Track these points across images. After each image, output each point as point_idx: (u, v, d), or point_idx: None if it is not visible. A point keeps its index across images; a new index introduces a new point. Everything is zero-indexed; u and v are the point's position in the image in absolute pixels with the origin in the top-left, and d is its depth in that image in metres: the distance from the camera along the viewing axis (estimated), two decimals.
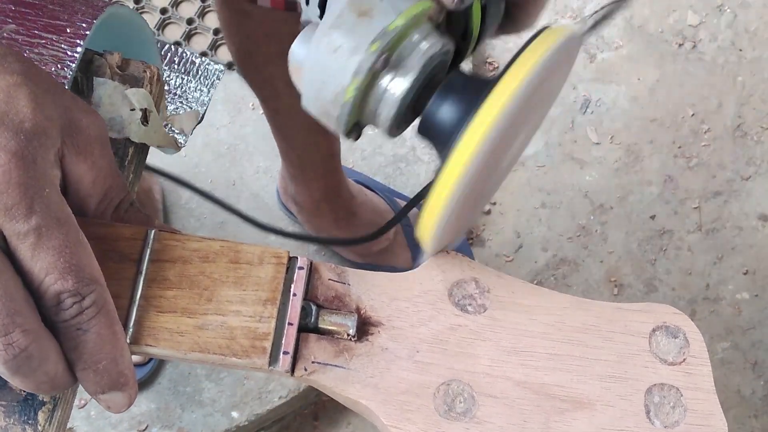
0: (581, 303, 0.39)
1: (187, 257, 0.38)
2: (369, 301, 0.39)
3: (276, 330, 0.37)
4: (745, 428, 1.28)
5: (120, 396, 0.34)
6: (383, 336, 0.38)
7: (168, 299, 0.37)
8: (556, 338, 0.38)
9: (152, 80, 0.47)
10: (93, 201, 0.38)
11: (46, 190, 0.33)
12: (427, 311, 0.39)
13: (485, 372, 0.38)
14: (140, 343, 0.37)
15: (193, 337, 0.37)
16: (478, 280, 0.39)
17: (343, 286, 0.39)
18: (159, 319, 0.37)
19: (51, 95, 0.36)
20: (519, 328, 0.38)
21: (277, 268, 0.38)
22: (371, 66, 0.36)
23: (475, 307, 0.39)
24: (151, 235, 0.38)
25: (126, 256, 0.37)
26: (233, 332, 0.37)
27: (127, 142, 0.46)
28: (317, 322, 0.38)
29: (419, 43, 0.37)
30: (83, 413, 1.18)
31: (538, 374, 0.38)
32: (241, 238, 1.32)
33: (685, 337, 0.39)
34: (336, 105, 0.37)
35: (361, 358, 0.38)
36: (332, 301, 0.39)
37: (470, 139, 0.34)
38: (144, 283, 0.37)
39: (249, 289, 0.38)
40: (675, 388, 0.38)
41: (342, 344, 0.38)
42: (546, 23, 0.38)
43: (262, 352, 0.37)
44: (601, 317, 0.39)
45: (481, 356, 0.38)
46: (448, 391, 0.37)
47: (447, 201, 0.35)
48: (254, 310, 0.37)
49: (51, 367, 0.33)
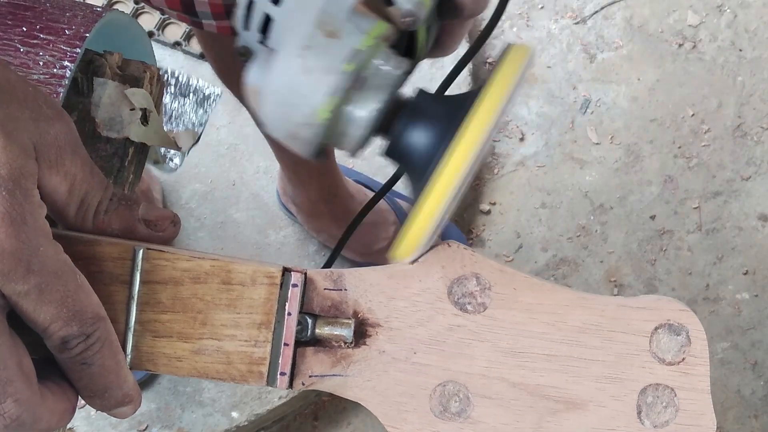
0: (584, 300, 0.38)
1: (179, 278, 0.37)
2: (366, 303, 0.39)
3: (272, 353, 0.37)
4: (745, 428, 1.28)
5: (125, 409, 0.36)
6: (381, 338, 0.38)
7: (163, 323, 0.37)
8: (555, 338, 0.38)
9: (152, 80, 0.48)
10: (71, 209, 0.37)
11: (40, 249, 0.32)
12: (426, 311, 0.38)
13: (481, 373, 0.38)
14: (140, 368, 0.37)
15: (191, 362, 0.37)
16: (480, 275, 0.39)
17: (339, 293, 0.39)
18: (156, 344, 0.37)
19: (18, 116, 0.34)
20: (518, 328, 0.38)
21: (269, 289, 0.37)
22: (345, 86, 0.36)
23: (474, 306, 0.38)
24: (139, 255, 0.37)
25: (116, 278, 0.37)
26: (230, 357, 0.37)
27: (127, 142, 0.46)
28: (314, 333, 0.38)
29: (384, 63, 0.37)
30: (83, 413, 1.18)
31: (534, 375, 0.38)
32: (241, 239, 1.32)
33: (687, 335, 0.39)
34: (307, 127, 0.37)
35: (359, 364, 0.38)
36: (329, 309, 0.39)
37: (453, 167, 0.34)
38: (137, 307, 0.37)
39: (243, 312, 0.37)
40: (669, 389, 0.38)
41: (339, 353, 0.38)
42: (511, 41, 0.38)
43: (259, 376, 0.37)
44: (604, 315, 0.38)
45: (479, 357, 0.38)
46: (444, 392, 0.37)
47: (430, 226, 0.35)
48: (249, 334, 0.37)
49: (44, 425, 0.33)
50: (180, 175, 1.30)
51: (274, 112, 0.37)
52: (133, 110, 0.45)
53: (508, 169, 1.42)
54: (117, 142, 0.45)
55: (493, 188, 1.41)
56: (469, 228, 1.38)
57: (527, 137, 1.43)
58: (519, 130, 1.44)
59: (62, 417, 0.34)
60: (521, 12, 1.50)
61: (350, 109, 0.37)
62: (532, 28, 1.49)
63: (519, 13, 1.50)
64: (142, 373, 1.19)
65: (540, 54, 1.48)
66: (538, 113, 1.44)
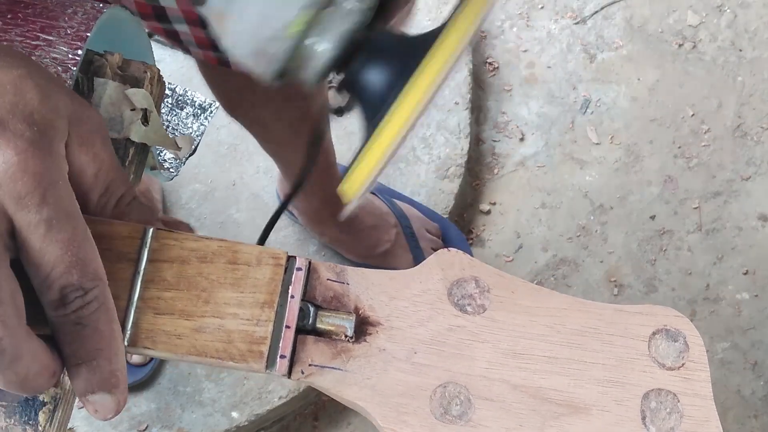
0: (581, 304, 0.39)
1: (185, 257, 0.37)
2: (368, 300, 0.39)
3: (273, 333, 0.37)
4: (745, 428, 1.28)
5: (109, 399, 0.34)
6: (381, 336, 0.38)
7: (166, 301, 0.37)
8: (555, 341, 0.38)
9: (152, 81, 0.47)
10: (95, 194, 0.37)
11: (59, 182, 0.33)
12: (426, 311, 0.38)
13: (482, 375, 0.37)
14: (138, 345, 0.36)
15: (191, 340, 0.37)
16: (479, 279, 0.39)
17: (341, 285, 0.39)
18: (157, 321, 0.37)
19: (55, 87, 0.36)
20: (518, 330, 0.38)
21: (275, 270, 0.38)
22: (320, 0, 0.36)
23: (474, 308, 0.38)
24: (149, 234, 0.37)
25: (124, 256, 0.37)
26: (230, 336, 0.37)
27: (128, 143, 0.46)
28: (315, 323, 0.38)
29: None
30: (83, 413, 1.18)
31: (536, 378, 0.37)
32: (241, 239, 1.31)
33: (685, 341, 0.38)
34: (276, 42, 0.36)
35: (359, 360, 0.38)
36: (330, 301, 0.39)
37: (402, 112, 0.35)
38: (142, 284, 0.37)
39: (247, 291, 0.37)
40: (672, 394, 0.37)
41: (340, 346, 0.38)
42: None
43: (259, 356, 0.37)
44: (602, 319, 0.38)
45: (479, 358, 0.38)
46: (445, 394, 0.37)
47: (376, 167, 0.36)
48: (252, 313, 0.37)
49: (21, 369, 0.32)
50: (180, 175, 1.31)
51: (243, 31, 0.37)
52: (134, 110, 0.45)
53: (508, 169, 1.42)
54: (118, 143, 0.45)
55: (493, 188, 1.41)
56: (469, 228, 1.38)
57: (527, 137, 1.43)
58: (519, 130, 1.44)
59: (41, 372, 0.33)
60: (521, 12, 1.50)
61: (313, 41, 0.37)
62: (532, 28, 1.49)
63: (519, 13, 1.50)
64: (143, 374, 1.19)
65: (540, 54, 1.48)
66: (538, 113, 1.44)
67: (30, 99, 0.34)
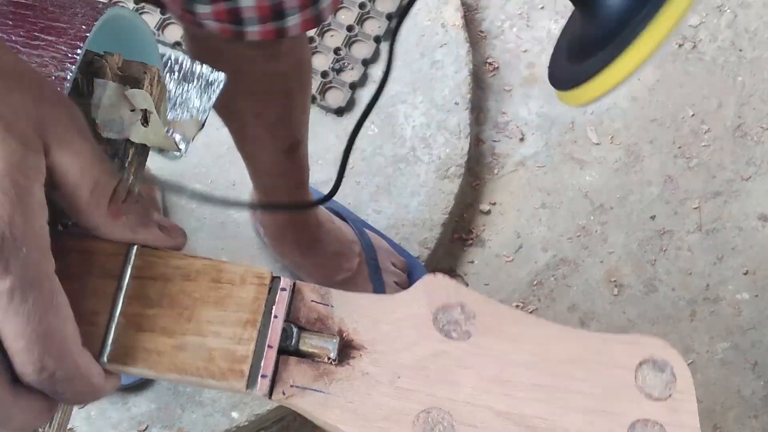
0: (568, 332, 0.38)
1: (169, 275, 0.37)
2: (352, 323, 0.38)
3: (255, 353, 0.37)
4: (745, 428, 1.28)
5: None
6: (365, 360, 0.38)
7: (148, 318, 0.37)
8: (541, 368, 0.38)
9: (152, 81, 0.47)
10: (84, 191, 0.35)
11: (26, 240, 0.31)
12: (411, 336, 0.38)
13: (466, 401, 0.37)
14: (117, 362, 0.36)
15: (171, 357, 0.36)
16: (464, 305, 0.38)
17: (325, 308, 0.39)
18: (137, 338, 0.36)
19: (20, 102, 0.33)
20: (503, 357, 0.38)
21: (258, 289, 0.37)
22: None
23: (459, 334, 0.38)
24: (133, 252, 0.37)
25: (107, 272, 0.37)
26: (212, 354, 0.37)
27: (128, 144, 0.46)
28: (298, 345, 0.38)
29: None
30: (83, 413, 1.18)
31: (521, 405, 0.37)
32: (241, 239, 1.32)
33: (672, 372, 0.38)
34: None
35: (341, 383, 0.37)
36: (314, 323, 0.38)
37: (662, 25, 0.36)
38: (124, 300, 0.37)
39: (230, 309, 0.37)
40: (659, 425, 0.37)
41: (322, 368, 0.38)
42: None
43: (240, 375, 0.36)
44: (588, 348, 0.38)
45: (463, 384, 0.37)
46: (428, 419, 0.37)
47: (624, 78, 0.36)
48: (234, 332, 0.37)
49: (17, 424, 0.32)
50: (180, 175, 1.30)
51: None
52: (134, 111, 0.45)
53: (508, 169, 1.42)
54: (117, 144, 0.45)
55: (493, 188, 1.41)
56: (469, 228, 1.38)
57: (527, 137, 1.43)
58: (519, 130, 1.44)
59: (37, 416, 0.33)
60: (521, 12, 1.50)
61: None
62: (532, 28, 1.49)
63: (519, 13, 1.50)
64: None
65: (540, 54, 1.47)
66: (538, 113, 1.44)
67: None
